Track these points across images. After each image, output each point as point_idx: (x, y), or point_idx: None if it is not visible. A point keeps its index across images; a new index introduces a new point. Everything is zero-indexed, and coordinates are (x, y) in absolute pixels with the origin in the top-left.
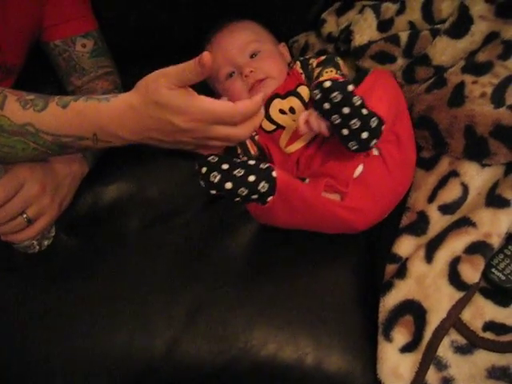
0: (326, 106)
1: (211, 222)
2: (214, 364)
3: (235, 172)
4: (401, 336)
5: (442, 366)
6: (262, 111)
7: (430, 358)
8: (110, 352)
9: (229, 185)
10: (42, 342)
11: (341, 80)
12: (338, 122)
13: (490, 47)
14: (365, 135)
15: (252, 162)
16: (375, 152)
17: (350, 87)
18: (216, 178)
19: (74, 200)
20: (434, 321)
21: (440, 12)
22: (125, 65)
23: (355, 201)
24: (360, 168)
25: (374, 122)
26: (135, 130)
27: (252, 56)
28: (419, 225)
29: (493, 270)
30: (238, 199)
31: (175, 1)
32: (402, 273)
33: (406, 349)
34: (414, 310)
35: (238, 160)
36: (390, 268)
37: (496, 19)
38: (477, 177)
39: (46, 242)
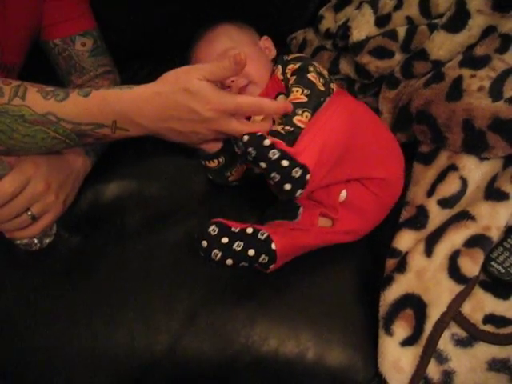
0: (249, 158)
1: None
2: (215, 360)
3: (235, 246)
4: (401, 330)
5: (442, 358)
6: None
7: (430, 351)
8: (111, 350)
9: (230, 261)
10: (43, 341)
11: (258, 134)
12: (261, 172)
13: (488, 41)
14: (287, 187)
15: (250, 231)
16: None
17: (266, 142)
18: (217, 256)
19: (75, 197)
20: (434, 314)
21: (437, 7)
22: (123, 64)
23: (346, 225)
24: (344, 193)
25: (296, 173)
26: (156, 118)
27: None
28: (419, 219)
29: (492, 263)
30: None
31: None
32: (402, 267)
33: (407, 342)
34: (414, 304)
35: (237, 229)
36: (390, 262)
37: (493, 13)
38: (475, 170)
39: (47, 240)
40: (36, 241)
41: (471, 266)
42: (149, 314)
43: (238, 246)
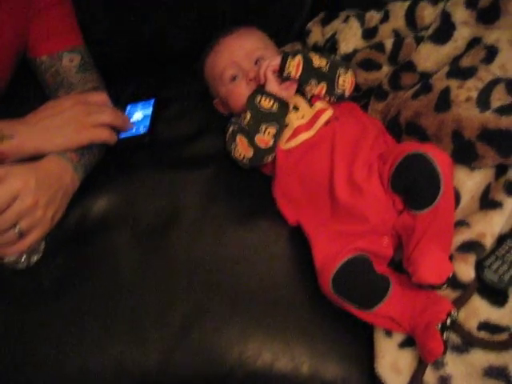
0: None
1: (201, 233)
2: (209, 376)
3: None
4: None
5: (439, 364)
6: None
7: None
8: (102, 367)
9: None
10: (32, 361)
11: None
12: None
13: (474, 52)
14: None
15: None
16: None
17: None
18: None
19: (63, 213)
20: None
21: (423, 19)
22: (110, 79)
23: None
24: None
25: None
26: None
27: (257, 62)
28: None
29: (486, 271)
30: None
31: (163, 12)
32: None
33: (405, 344)
34: None
35: None
36: None
37: (478, 24)
38: (467, 180)
39: (34, 258)
40: (23, 258)
41: (466, 270)
42: (140, 331)
43: None
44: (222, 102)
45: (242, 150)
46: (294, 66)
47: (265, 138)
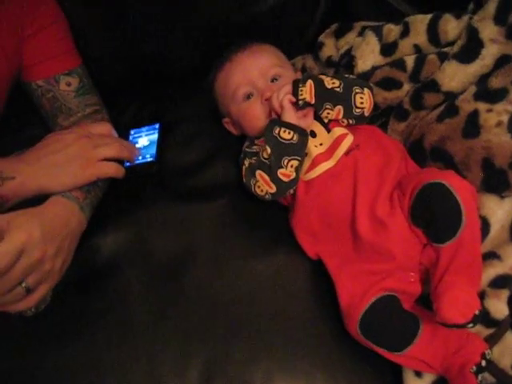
0: None
1: (217, 271)
2: None
3: None
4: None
5: None
6: None
7: None
8: None
9: None
10: None
11: None
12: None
13: (503, 72)
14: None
15: None
16: None
17: None
18: None
19: None
20: None
21: (446, 34)
22: (111, 101)
23: None
24: None
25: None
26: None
27: (273, 80)
28: None
29: None
30: None
31: (165, 30)
32: None
33: None
34: None
35: None
36: None
37: (507, 42)
38: (497, 209)
39: (43, 306)
40: (31, 309)
41: (500, 306)
42: (159, 379)
43: None
44: (232, 121)
45: (263, 186)
46: (307, 92)
47: (287, 171)
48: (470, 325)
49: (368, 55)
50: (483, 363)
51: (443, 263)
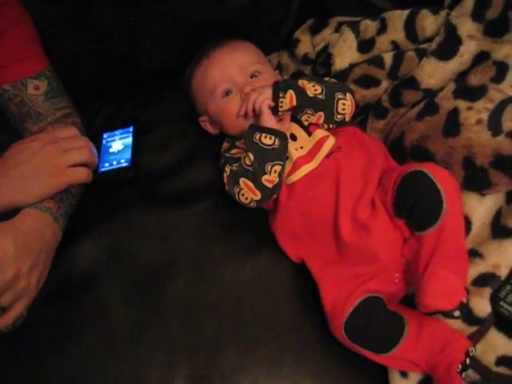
0: None
1: (199, 279)
2: None
3: None
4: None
5: None
6: None
7: None
8: None
9: None
10: None
11: None
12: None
13: (481, 69)
14: None
15: None
16: None
17: None
18: None
19: None
20: None
21: (424, 30)
22: (83, 104)
23: None
24: None
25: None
26: None
27: (252, 77)
28: None
29: (501, 303)
30: None
31: (135, 30)
32: None
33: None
34: None
35: None
36: None
37: (485, 38)
38: (478, 207)
39: (19, 322)
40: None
41: (482, 304)
42: None
43: None
44: (210, 120)
45: (248, 193)
46: (287, 104)
47: (271, 177)
48: (457, 313)
49: (345, 52)
50: (467, 361)
51: (426, 251)
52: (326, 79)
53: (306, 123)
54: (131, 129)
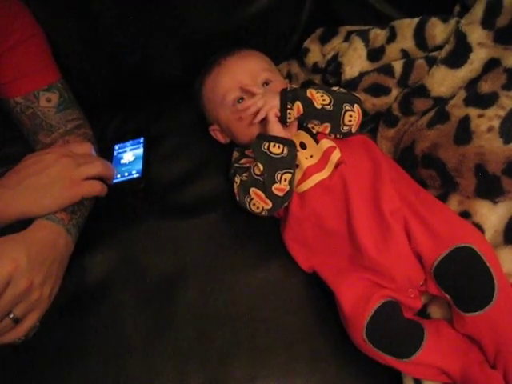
0: None
1: (211, 289)
2: None
3: None
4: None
5: None
6: None
7: None
8: None
9: None
10: None
11: None
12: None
13: (493, 76)
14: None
15: None
16: None
17: None
18: None
19: None
20: None
21: (434, 38)
22: (93, 115)
23: None
24: None
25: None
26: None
27: (263, 85)
28: None
29: None
30: None
31: (145, 42)
32: None
33: None
34: None
35: None
36: None
37: (495, 45)
38: (490, 215)
39: (32, 333)
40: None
41: None
42: None
43: None
44: (221, 128)
45: (259, 203)
46: (295, 115)
47: (282, 185)
48: None
49: (355, 61)
50: None
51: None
52: (335, 88)
53: (313, 131)
54: (142, 140)
